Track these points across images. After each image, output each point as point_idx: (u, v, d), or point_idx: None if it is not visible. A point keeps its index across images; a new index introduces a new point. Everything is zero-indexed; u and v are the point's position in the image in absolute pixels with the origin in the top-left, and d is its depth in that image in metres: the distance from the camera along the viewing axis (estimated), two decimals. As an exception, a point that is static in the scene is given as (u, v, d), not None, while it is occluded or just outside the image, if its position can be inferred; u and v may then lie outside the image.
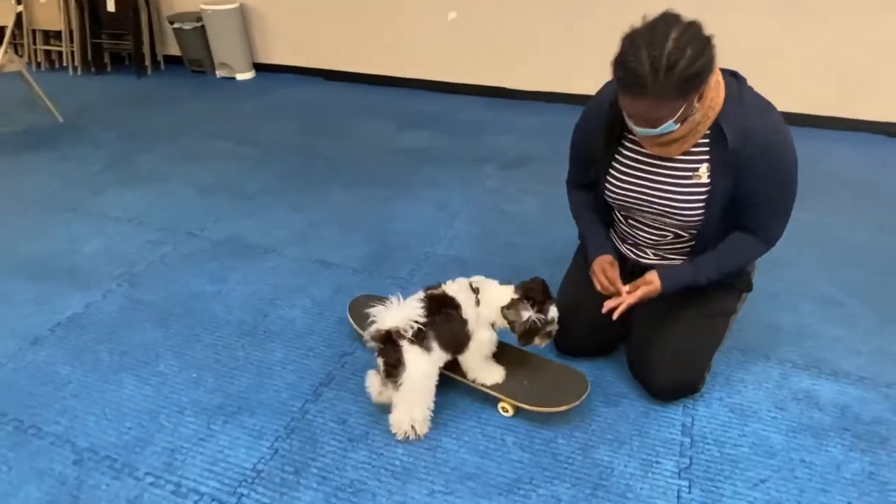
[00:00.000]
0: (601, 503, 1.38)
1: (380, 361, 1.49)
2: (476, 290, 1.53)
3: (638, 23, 1.23)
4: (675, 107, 1.23)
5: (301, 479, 1.45)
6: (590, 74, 1.70)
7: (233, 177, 3.00)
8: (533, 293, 1.51)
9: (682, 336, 1.56)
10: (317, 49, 4.38)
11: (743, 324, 1.86)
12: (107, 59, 4.76)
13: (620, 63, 1.21)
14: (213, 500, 1.41)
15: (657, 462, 1.48)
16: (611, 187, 1.53)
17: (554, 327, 1.55)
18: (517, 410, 1.60)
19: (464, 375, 1.61)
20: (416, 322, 1.43)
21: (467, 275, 1.62)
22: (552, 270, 1.97)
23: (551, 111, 3.75)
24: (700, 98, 1.27)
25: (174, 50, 4.70)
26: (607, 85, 1.51)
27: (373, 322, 1.47)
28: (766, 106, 1.36)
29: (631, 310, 1.52)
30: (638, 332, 1.64)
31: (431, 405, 1.54)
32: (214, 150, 3.31)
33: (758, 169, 1.34)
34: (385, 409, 1.63)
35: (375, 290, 2.08)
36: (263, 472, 1.47)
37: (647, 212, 1.51)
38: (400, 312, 1.46)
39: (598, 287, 1.53)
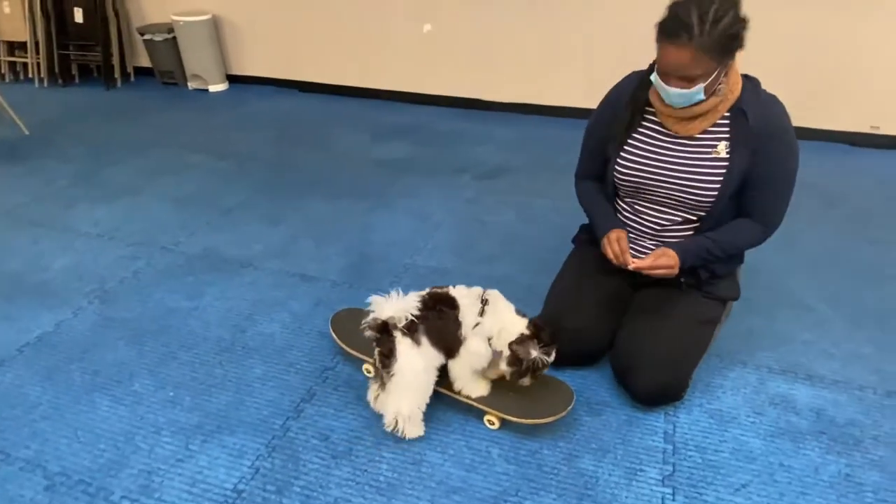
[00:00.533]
0: (587, 513, 1.38)
1: (376, 352, 1.50)
2: (485, 302, 1.51)
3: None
4: (711, 67, 1.35)
5: (283, 499, 1.42)
6: (565, 87, 1.75)
7: (207, 190, 2.95)
8: (543, 334, 1.49)
9: (668, 343, 1.58)
10: (291, 61, 4.36)
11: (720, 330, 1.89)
12: (74, 70, 4.65)
13: (671, 13, 1.34)
14: (192, 522, 1.37)
15: (641, 470, 1.49)
16: (627, 164, 1.59)
17: (544, 371, 1.54)
18: (503, 422, 1.59)
19: (450, 387, 1.60)
20: (409, 314, 1.45)
21: (448, 285, 1.62)
22: (532, 280, 1.98)
23: (527, 122, 3.79)
24: (727, 73, 1.41)
25: (145, 61, 4.62)
26: (628, 76, 1.62)
27: (372, 312, 1.49)
28: (778, 101, 1.53)
29: (619, 318, 1.58)
30: (623, 339, 1.66)
31: (422, 405, 1.53)
32: (188, 163, 3.25)
33: (772, 152, 1.47)
34: (370, 422, 1.62)
35: (355, 302, 2.06)
36: (244, 493, 1.43)
37: (663, 188, 1.56)
38: (397, 304, 1.47)
39: (611, 255, 1.57)
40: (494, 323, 1.50)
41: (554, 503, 1.41)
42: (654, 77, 1.45)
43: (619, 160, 1.60)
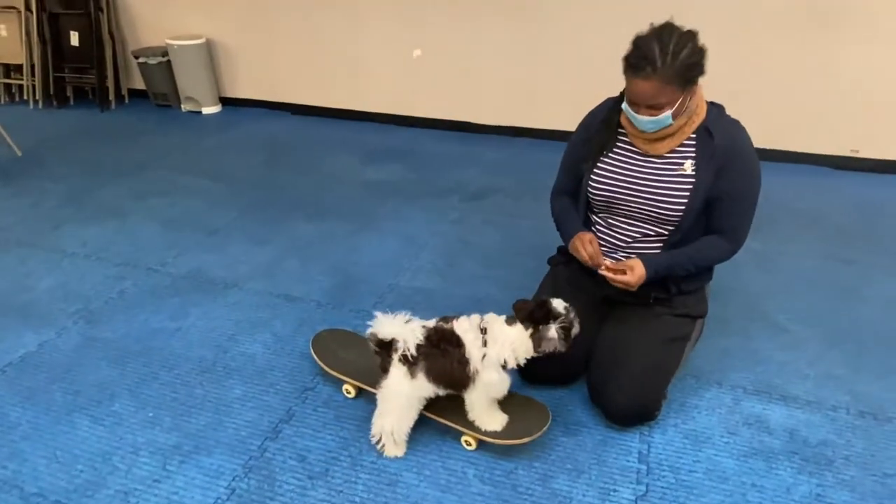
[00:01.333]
0: (560, 534, 1.39)
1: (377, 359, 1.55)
2: (483, 331, 1.52)
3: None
4: (676, 95, 1.45)
5: (258, 519, 1.42)
6: (552, 110, 1.83)
7: (196, 211, 2.99)
8: (535, 314, 1.50)
9: (640, 362, 1.61)
10: (283, 84, 4.43)
11: (696, 350, 1.91)
12: (69, 92, 4.72)
13: (635, 47, 1.44)
14: (166, 544, 1.37)
15: (615, 490, 1.50)
16: (599, 180, 1.67)
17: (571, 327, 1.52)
18: (480, 443, 1.61)
19: (433, 409, 1.61)
20: (412, 347, 1.47)
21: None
22: (514, 300, 2.00)
23: (514, 145, 3.85)
24: (691, 98, 1.49)
25: (139, 83, 4.69)
26: (604, 101, 1.71)
27: (375, 325, 1.52)
28: (741, 125, 1.61)
29: (594, 336, 1.62)
30: (598, 358, 1.69)
31: (405, 427, 1.55)
32: (178, 185, 3.29)
33: (736, 171, 1.54)
34: (348, 443, 1.63)
35: (339, 323, 2.09)
36: (220, 513, 1.44)
37: (633, 202, 1.63)
38: (400, 327, 1.49)
39: (585, 256, 1.61)
40: (500, 348, 1.50)
41: (527, 523, 1.42)
42: (624, 105, 1.53)
43: (592, 176, 1.68)
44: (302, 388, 1.83)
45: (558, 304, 1.51)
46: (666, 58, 1.39)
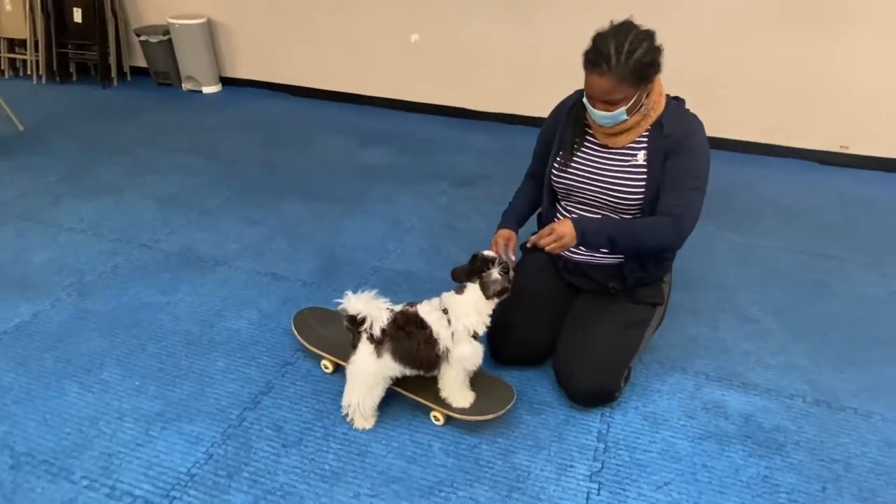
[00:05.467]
0: (515, 504, 1.47)
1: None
2: (445, 311, 1.59)
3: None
4: (630, 92, 1.50)
5: (233, 483, 1.51)
6: (547, 98, 1.90)
7: (191, 190, 3.06)
8: (474, 267, 1.59)
9: (601, 345, 1.69)
10: (283, 65, 4.47)
11: (664, 338, 1.99)
12: (72, 68, 4.77)
13: (592, 46, 1.49)
14: (146, 502, 1.46)
15: (571, 466, 1.58)
16: (559, 170, 1.74)
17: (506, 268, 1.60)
18: (447, 419, 1.69)
19: (402, 384, 1.69)
20: (379, 327, 1.53)
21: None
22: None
23: (507, 132, 3.89)
24: (648, 94, 1.55)
25: (141, 61, 4.74)
26: (573, 93, 1.77)
27: (344, 301, 1.57)
28: (698, 120, 1.64)
29: (560, 321, 1.72)
30: (562, 342, 1.76)
31: (371, 403, 1.63)
32: (175, 163, 3.36)
33: (681, 154, 1.59)
34: (322, 415, 1.71)
35: (322, 302, 2.16)
36: (197, 476, 1.53)
37: (591, 191, 1.70)
38: (367, 304, 1.54)
39: (498, 252, 1.70)
40: (465, 318, 1.58)
41: (485, 494, 1.50)
42: (584, 99, 1.58)
43: (553, 165, 1.76)
44: (283, 363, 1.91)
45: (488, 253, 1.62)
46: (620, 56, 1.44)
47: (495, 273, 1.56)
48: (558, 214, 1.82)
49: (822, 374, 1.91)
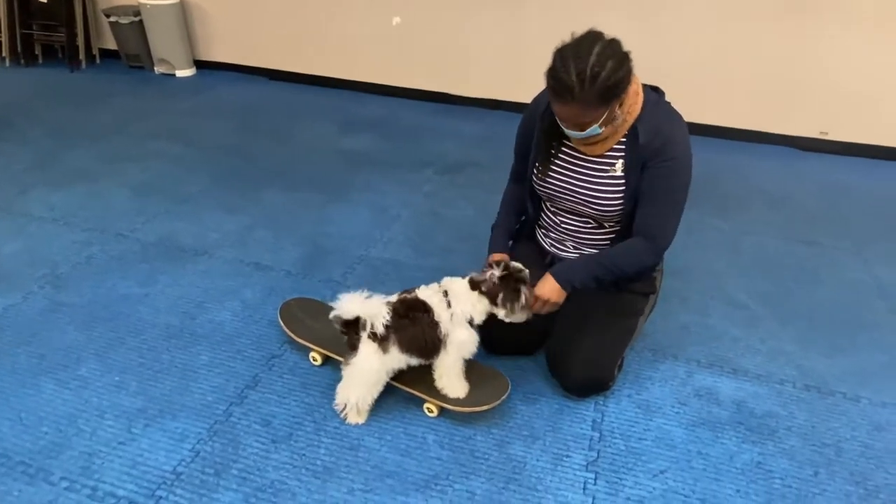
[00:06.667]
0: (512, 496, 1.45)
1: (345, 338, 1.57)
2: (445, 293, 1.56)
3: (568, 38, 1.39)
4: (599, 113, 1.40)
5: (221, 481, 1.46)
6: (531, 83, 1.82)
7: (167, 177, 2.95)
8: (493, 285, 1.54)
9: (594, 335, 1.66)
10: (260, 48, 4.34)
11: (655, 326, 1.99)
12: (38, 50, 4.58)
13: (552, 74, 1.38)
14: (130, 503, 1.41)
15: (567, 456, 1.56)
16: (540, 178, 1.67)
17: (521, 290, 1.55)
18: (441, 410, 1.66)
19: (398, 378, 1.65)
20: (381, 323, 1.49)
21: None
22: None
23: (493, 118, 3.84)
24: (621, 105, 1.44)
25: (111, 43, 4.56)
26: (543, 91, 1.65)
27: (336, 308, 1.52)
28: (676, 116, 1.54)
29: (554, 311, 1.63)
30: (556, 332, 1.74)
31: (370, 399, 1.59)
32: (149, 150, 3.24)
33: (657, 169, 1.50)
34: (313, 409, 1.67)
35: (308, 292, 2.11)
36: (183, 475, 1.47)
37: (571, 200, 1.64)
38: (365, 305, 1.50)
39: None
40: (463, 304, 1.54)
41: (482, 486, 1.47)
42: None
43: (533, 172, 1.69)
44: (269, 356, 1.86)
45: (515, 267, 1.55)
46: (584, 83, 1.32)
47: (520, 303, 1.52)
48: (544, 217, 1.78)
49: (811, 359, 1.93)
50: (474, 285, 1.56)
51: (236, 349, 1.88)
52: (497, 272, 1.53)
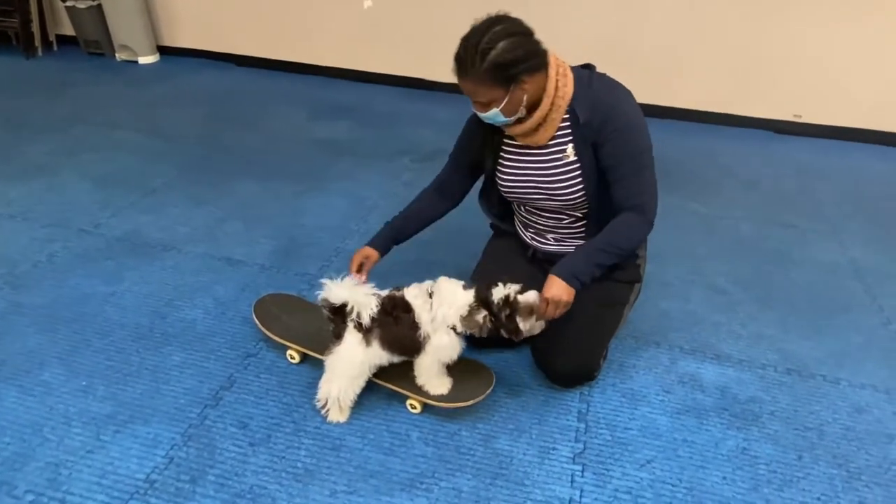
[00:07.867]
0: (499, 492, 1.43)
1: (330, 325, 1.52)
2: (431, 295, 1.51)
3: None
4: (494, 92, 1.41)
5: (197, 488, 1.40)
6: None
7: (132, 169, 2.83)
8: (490, 300, 1.48)
9: (580, 325, 1.63)
10: (227, 33, 4.20)
11: (637, 312, 1.96)
12: (-11, 37, 4.35)
13: (458, 48, 1.41)
14: (101, 515, 1.34)
15: (554, 448, 1.54)
16: (502, 182, 1.65)
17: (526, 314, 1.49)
18: (425, 406, 1.62)
19: (381, 376, 1.61)
20: (368, 314, 1.45)
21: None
22: (464, 264, 2.00)
23: (467, 103, 3.76)
24: (527, 94, 1.43)
25: (68, 29, 4.36)
26: None
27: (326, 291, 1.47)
28: (614, 85, 1.52)
29: None
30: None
31: (352, 394, 1.55)
32: (112, 140, 3.11)
33: (610, 138, 1.47)
34: (291, 409, 1.61)
35: (283, 287, 2.04)
36: (157, 483, 1.41)
37: (538, 198, 1.62)
38: (352, 292, 1.45)
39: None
40: (446, 310, 1.48)
41: (469, 483, 1.44)
42: None
43: (497, 180, 1.66)
44: (244, 355, 1.79)
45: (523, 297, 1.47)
46: (475, 59, 1.36)
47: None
48: (517, 224, 1.76)
49: (791, 342, 1.94)
50: (481, 301, 1.48)
51: (209, 349, 1.81)
52: (504, 291, 1.46)
